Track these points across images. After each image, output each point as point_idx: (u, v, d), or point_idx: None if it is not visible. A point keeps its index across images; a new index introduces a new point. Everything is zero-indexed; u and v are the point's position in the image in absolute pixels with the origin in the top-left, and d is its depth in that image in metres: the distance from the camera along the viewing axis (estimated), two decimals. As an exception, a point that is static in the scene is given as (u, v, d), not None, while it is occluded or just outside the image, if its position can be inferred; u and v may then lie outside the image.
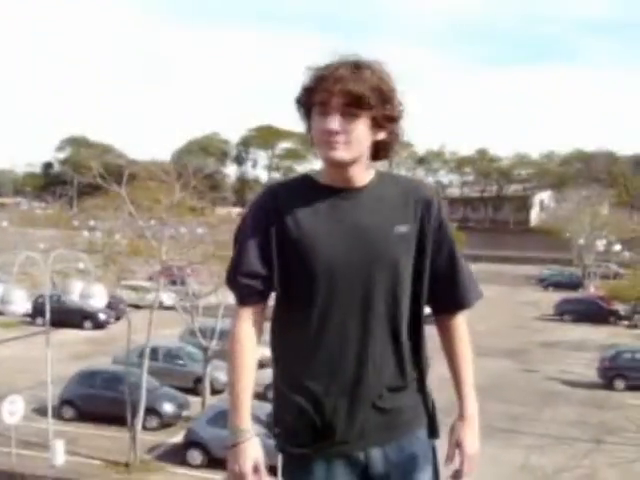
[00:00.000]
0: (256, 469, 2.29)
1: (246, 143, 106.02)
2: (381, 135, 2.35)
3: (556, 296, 50.58)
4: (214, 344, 24.36)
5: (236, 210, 46.84)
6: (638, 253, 44.57)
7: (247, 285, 2.36)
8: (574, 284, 59.42)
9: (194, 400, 24.93)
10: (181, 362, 28.39)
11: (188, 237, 27.30)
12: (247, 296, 2.38)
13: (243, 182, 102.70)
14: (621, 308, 47.36)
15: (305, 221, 2.34)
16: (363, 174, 2.40)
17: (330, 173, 2.38)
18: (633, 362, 30.86)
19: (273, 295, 2.43)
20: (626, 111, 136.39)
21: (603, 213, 62.40)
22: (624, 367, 30.62)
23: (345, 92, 2.25)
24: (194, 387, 26.62)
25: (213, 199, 34.63)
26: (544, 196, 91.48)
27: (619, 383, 30.24)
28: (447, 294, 2.49)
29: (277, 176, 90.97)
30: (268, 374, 2.59)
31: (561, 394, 28.78)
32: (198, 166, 30.90)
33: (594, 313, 45.61)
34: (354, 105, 2.26)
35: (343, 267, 2.32)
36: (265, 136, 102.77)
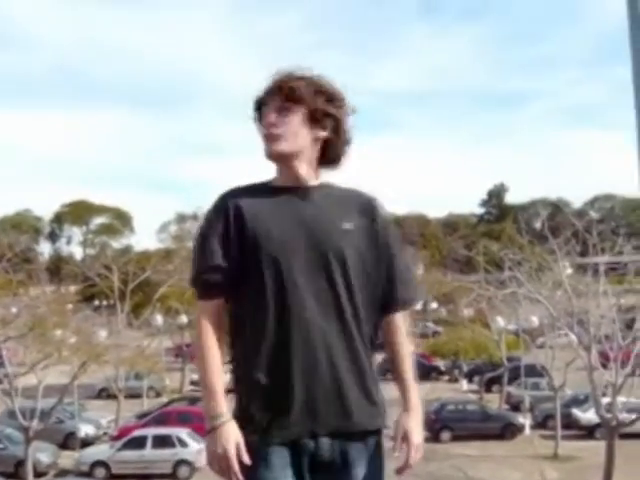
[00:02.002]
0: (237, 449, 2.34)
1: (59, 219, 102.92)
2: (322, 133, 2.52)
3: (378, 356, 51.55)
4: (35, 424, 23.14)
5: (51, 288, 44.97)
6: (453, 310, 46.43)
7: (207, 280, 2.46)
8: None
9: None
10: (0, 446, 26.93)
11: (2, 315, 26.07)
12: (208, 289, 2.47)
13: (58, 259, 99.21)
14: (441, 364, 48.99)
15: (260, 214, 2.45)
16: (311, 173, 2.55)
17: (280, 173, 2.54)
18: (457, 413, 31.92)
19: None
20: (434, 174, 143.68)
21: (418, 273, 64.73)
22: (449, 419, 31.57)
23: (279, 87, 2.48)
24: (15, 471, 25.29)
25: (26, 278, 33.42)
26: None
27: (445, 434, 31.09)
28: (388, 293, 2.56)
29: (92, 252, 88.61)
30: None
31: (388, 449, 29.13)
32: (10, 244, 29.88)
33: (416, 370, 46.73)
34: (288, 99, 2.47)
35: (298, 253, 2.42)
36: (79, 211, 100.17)
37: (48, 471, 26.77)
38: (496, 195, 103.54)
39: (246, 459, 2.33)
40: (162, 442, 27.07)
